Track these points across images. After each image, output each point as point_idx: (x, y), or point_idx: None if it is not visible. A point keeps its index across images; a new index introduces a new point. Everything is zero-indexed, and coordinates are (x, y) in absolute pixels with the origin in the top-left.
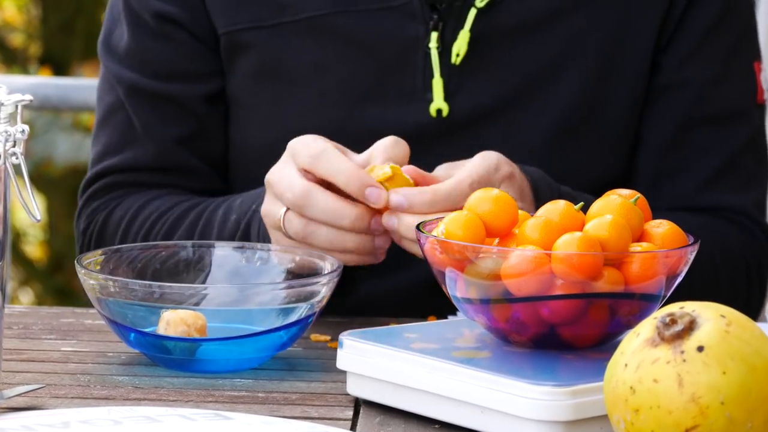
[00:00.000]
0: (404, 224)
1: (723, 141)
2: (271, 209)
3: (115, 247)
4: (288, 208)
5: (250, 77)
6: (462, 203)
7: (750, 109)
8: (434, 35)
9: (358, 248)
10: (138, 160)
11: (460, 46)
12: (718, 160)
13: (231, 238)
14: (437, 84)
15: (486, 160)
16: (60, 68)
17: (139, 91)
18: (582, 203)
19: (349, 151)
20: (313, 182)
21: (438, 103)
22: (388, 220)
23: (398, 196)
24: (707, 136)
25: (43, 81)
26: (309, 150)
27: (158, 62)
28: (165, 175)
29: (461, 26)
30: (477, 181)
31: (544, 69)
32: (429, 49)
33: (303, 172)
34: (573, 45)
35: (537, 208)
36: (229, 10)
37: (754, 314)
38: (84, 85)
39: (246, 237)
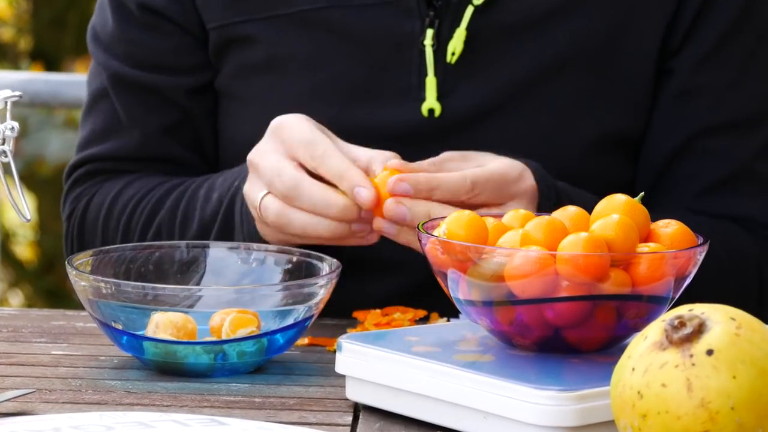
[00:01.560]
0: (413, 212)
1: (737, 146)
2: (251, 192)
3: (107, 247)
4: (267, 193)
5: (242, 71)
6: (459, 199)
7: (765, 111)
8: (430, 32)
9: (333, 235)
10: (121, 150)
11: (455, 45)
12: (730, 165)
13: (214, 216)
14: (430, 83)
15: (509, 168)
16: (51, 63)
17: (123, 80)
18: (642, 193)
19: (338, 140)
20: (301, 170)
21: (430, 102)
22: (396, 208)
23: (404, 183)
24: (720, 143)
25: (34, 77)
26: (308, 149)
27: (142, 53)
28: (149, 164)
29: (458, 24)
30: (482, 181)
31: (542, 69)
32: (424, 46)
33: (291, 158)
34: (572, 45)
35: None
36: (221, 4)
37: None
38: (76, 81)
39: (230, 214)
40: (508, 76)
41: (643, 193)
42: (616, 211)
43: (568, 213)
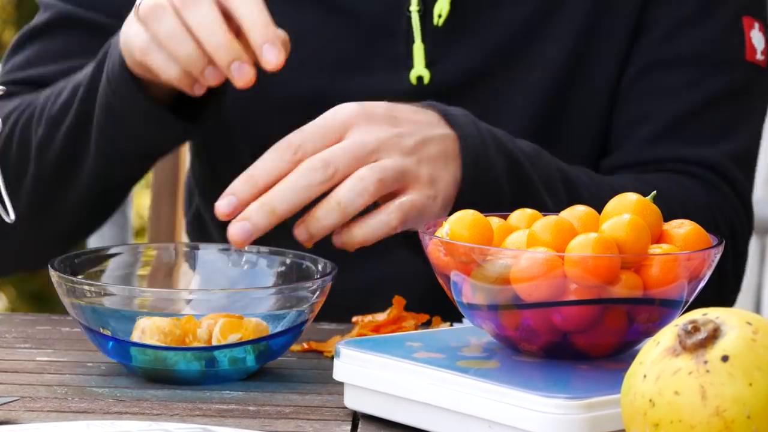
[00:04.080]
0: (253, 221)
1: (691, 85)
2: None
3: (93, 248)
4: None
5: None
6: (287, 161)
7: (730, 61)
8: None
9: (188, 60)
10: (45, 78)
11: (441, 7)
12: (683, 105)
13: (85, 76)
14: (418, 50)
15: (327, 112)
16: None
17: (71, 17)
18: (654, 192)
19: None
20: None
21: (419, 69)
22: (239, 228)
23: (224, 199)
24: (669, 80)
25: None
26: None
27: (101, 2)
28: None
29: None
30: (296, 135)
31: (529, 28)
32: (410, 12)
33: None
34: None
35: (461, 138)
36: None
37: (729, 286)
38: None
39: (101, 64)
40: (497, 38)
41: (655, 192)
42: (626, 210)
43: (577, 212)
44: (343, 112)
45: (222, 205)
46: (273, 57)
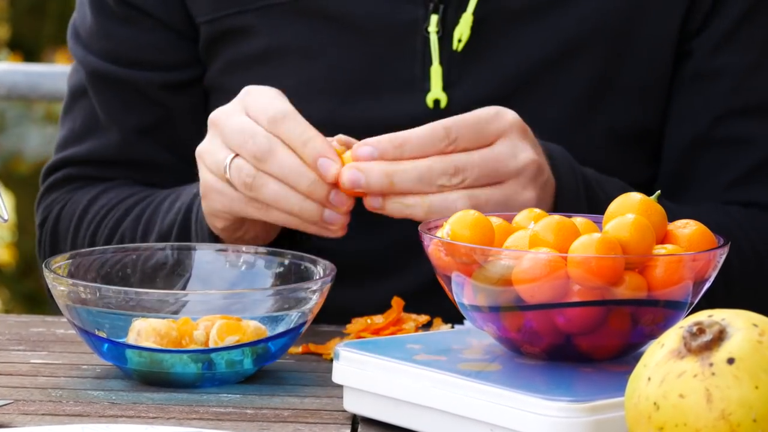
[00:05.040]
0: (368, 176)
1: (761, 132)
2: (216, 152)
3: (87, 249)
4: (236, 155)
5: (235, 64)
6: (437, 149)
7: None
8: (434, 18)
9: (301, 213)
10: (98, 151)
11: (462, 31)
12: (759, 152)
13: (171, 225)
14: (435, 72)
15: (481, 109)
16: (30, 54)
17: (101, 77)
18: (658, 192)
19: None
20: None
21: (435, 93)
22: (350, 174)
23: (366, 147)
24: (746, 128)
25: (11, 67)
26: (267, 111)
27: (121, 48)
28: (126, 167)
29: (463, 9)
30: (455, 125)
31: (552, 56)
32: (428, 33)
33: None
34: (584, 28)
35: (557, 189)
36: None
37: None
38: (56, 72)
39: (186, 220)
40: (517, 64)
41: (659, 191)
42: (631, 210)
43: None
44: (504, 119)
45: (363, 152)
46: (329, 169)
